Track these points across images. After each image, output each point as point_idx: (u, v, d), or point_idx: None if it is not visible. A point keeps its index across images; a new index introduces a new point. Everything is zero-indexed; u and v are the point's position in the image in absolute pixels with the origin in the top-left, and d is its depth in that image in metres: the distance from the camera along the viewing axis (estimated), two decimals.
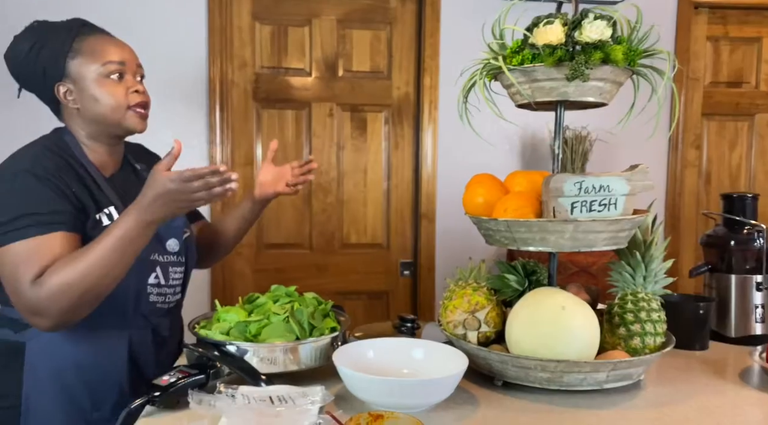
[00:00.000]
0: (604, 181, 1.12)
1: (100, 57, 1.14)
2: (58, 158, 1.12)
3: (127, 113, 1.17)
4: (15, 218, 1.02)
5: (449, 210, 2.62)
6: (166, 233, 1.22)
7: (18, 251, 1.02)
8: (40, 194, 1.05)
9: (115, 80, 1.15)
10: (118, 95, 1.15)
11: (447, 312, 1.20)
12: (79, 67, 1.14)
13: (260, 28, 2.47)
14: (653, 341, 1.14)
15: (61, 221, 1.05)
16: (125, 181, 1.24)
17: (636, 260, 1.23)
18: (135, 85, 1.18)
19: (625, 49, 1.09)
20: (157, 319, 1.22)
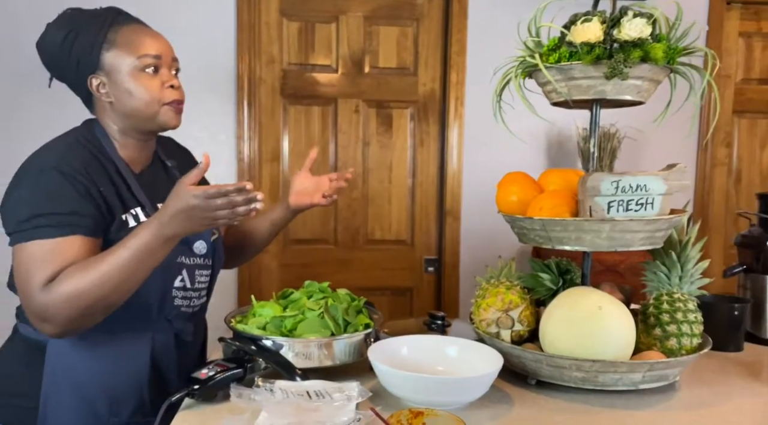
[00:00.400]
0: (641, 180, 1.11)
1: (135, 49, 1.10)
2: (86, 154, 1.09)
3: (162, 108, 1.13)
4: (33, 217, 1.00)
5: (474, 207, 2.62)
6: (194, 235, 1.18)
7: (32, 252, 0.99)
8: (63, 193, 1.02)
9: (150, 74, 1.12)
10: (153, 90, 1.12)
11: (480, 310, 1.20)
12: (113, 59, 1.10)
13: (288, 25, 2.49)
14: (690, 342, 1.13)
15: (80, 223, 1.02)
16: (155, 178, 1.22)
17: (671, 260, 1.21)
18: (170, 79, 1.15)
19: (665, 47, 1.08)
20: (180, 323, 1.18)
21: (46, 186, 1.03)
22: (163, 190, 1.18)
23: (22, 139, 2.30)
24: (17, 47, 2.27)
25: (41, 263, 0.98)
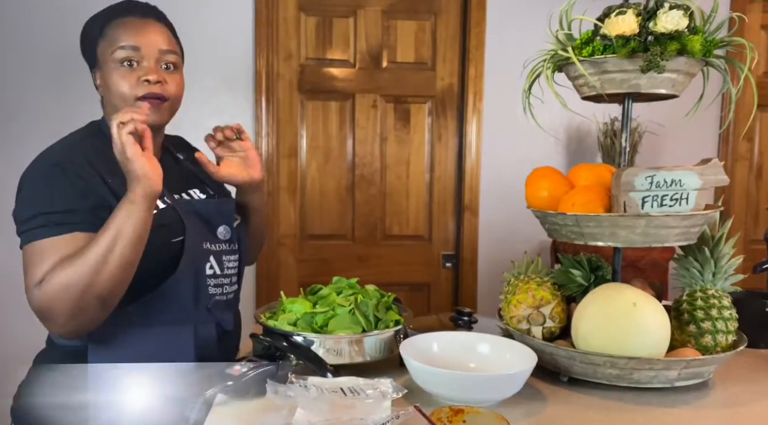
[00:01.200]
0: (676, 175, 1.10)
1: (117, 41, 1.08)
2: (93, 148, 1.08)
3: (135, 103, 1.08)
4: (32, 217, 1.01)
5: (492, 202, 2.61)
6: (217, 220, 1.18)
7: (30, 253, 1.00)
8: (61, 191, 1.02)
9: (126, 68, 1.08)
10: (126, 84, 1.08)
11: (510, 307, 1.19)
12: (101, 52, 1.11)
13: (305, 20, 2.48)
14: (725, 339, 1.12)
15: (76, 220, 1.01)
16: (168, 169, 1.13)
17: (705, 256, 1.20)
18: (149, 73, 1.08)
19: (702, 39, 1.06)
20: (220, 313, 1.17)
21: (45, 184, 1.03)
22: (177, 181, 1.20)
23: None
24: None
25: (37, 263, 0.98)
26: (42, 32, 2.31)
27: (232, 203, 1.23)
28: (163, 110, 1.12)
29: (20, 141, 2.29)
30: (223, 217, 1.19)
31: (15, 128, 2.32)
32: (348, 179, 2.57)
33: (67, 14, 2.30)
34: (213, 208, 1.18)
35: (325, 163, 2.55)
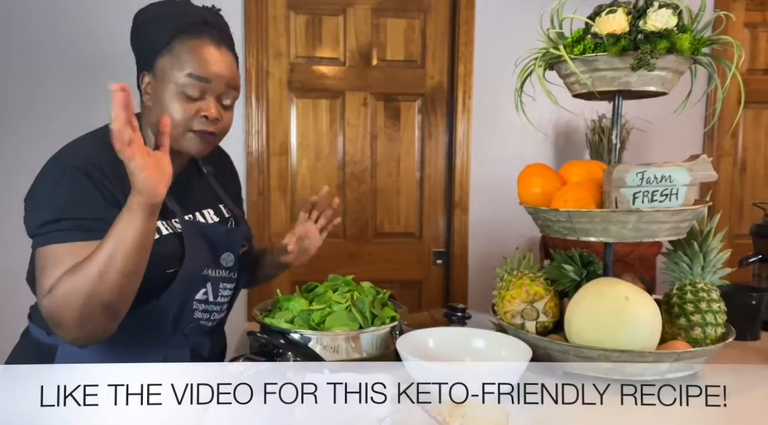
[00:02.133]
0: (666, 171, 1.12)
1: (186, 66, 1.01)
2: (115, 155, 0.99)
3: (187, 134, 1.04)
4: (55, 221, 0.96)
5: (482, 199, 2.62)
6: (223, 247, 1.14)
7: (47, 255, 0.96)
8: (87, 197, 0.98)
9: (190, 97, 1.02)
10: (185, 113, 1.02)
11: (504, 302, 1.21)
12: (165, 66, 1.02)
13: (295, 18, 2.47)
14: (714, 331, 1.14)
15: (98, 227, 0.96)
16: (187, 185, 1.15)
17: (693, 250, 1.22)
18: (210, 109, 1.03)
19: (691, 37, 1.08)
20: (197, 338, 1.13)
21: (69, 187, 0.98)
22: (194, 199, 1.16)
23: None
24: None
25: (50, 268, 0.95)
26: (51, 33, 2.29)
27: (242, 231, 1.19)
28: (208, 145, 1.07)
29: (31, 142, 2.27)
30: (230, 244, 1.15)
31: (26, 128, 2.30)
32: (339, 177, 2.57)
33: (75, 15, 2.29)
34: (221, 234, 1.14)
35: (316, 161, 2.55)
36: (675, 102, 1.27)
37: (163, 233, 1.06)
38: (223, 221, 1.19)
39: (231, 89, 1.06)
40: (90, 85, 2.30)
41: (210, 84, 1.02)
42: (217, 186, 1.23)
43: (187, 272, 1.05)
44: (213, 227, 1.14)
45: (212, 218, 1.17)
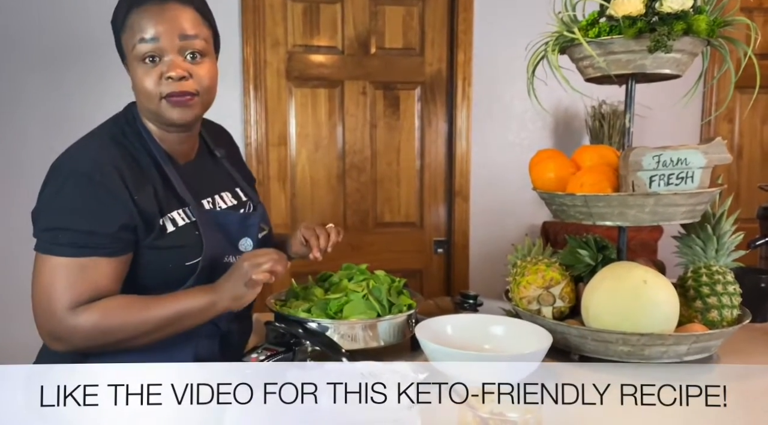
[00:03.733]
0: (682, 154, 1.11)
1: (136, 33, 0.97)
2: (122, 153, 1.01)
3: (161, 103, 0.99)
4: (53, 229, 0.96)
5: (483, 188, 2.62)
6: (239, 232, 1.12)
7: (54, 268, 0.95)
8: (86, 207, 0.96)
9: (149, 64, 0.98)
10: (149, 82, 0.98)
11: (520, 288, 1.20)
12: (125, 44, 1.01)
13: (292, 6, 2.44)
14: (730, 313, 1.15)
15: (98, 244, 0.95)
16: (201, 170, 1.13)
17: (707, 233, 1.22)
18: (171, 68, 0.98)
19: (708, 19, 1.07)
20: (227, 325, 1.10)
21: (69, 196, 0.96)
22: (210, 183, 1.13)
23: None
24: None
25: (66, 284, 0.95)
26: (35, 25, 2.24)
27: (258, 215, 1.17)
28: (193, 107, 1.02)
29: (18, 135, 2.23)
30: (246, 229, 1.13)
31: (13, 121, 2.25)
32: (338, 166, 2.56)
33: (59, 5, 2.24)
34: (236, 220, 1.12)
35: (315, 151, 2.53)
36: (673, 87, 1.27)
37: (179, 224, 1.04)
38: (241, 204, 1.17)
39: (190, 40, 0.99)
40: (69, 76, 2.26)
41: (159, 42, 0.97)
42: (231, 169, 1.21)
43: (208, 261, 1.04)
44: (227, 214, 1.12)
45: (231, 201, 1.15)
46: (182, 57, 0.99)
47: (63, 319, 0.94)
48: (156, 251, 1.01)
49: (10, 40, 2.24)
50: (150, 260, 1.02)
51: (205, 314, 1.00)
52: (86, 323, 0.94)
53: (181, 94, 0.99)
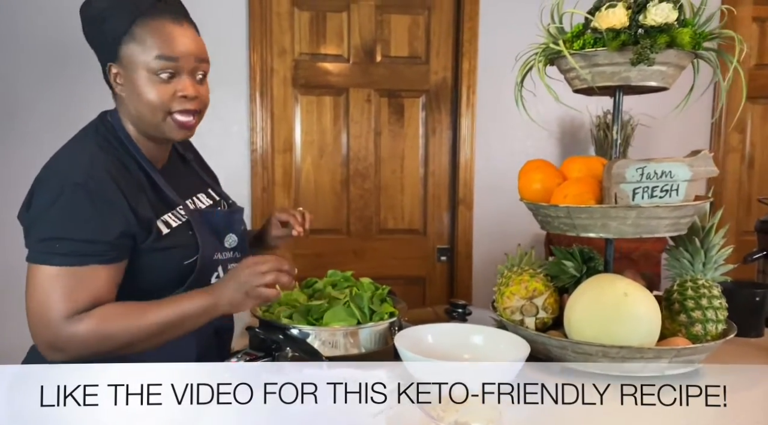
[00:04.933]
0: (666, 167, 1.11)
1: (153, 48, 1.01)
2: (112, 160, 1.03)
3: (166, 118, 1.04)
4: (50, 239, 0.96)
5: (487, 196, 2.62)
6: (225, 229, 1.16)
7: (49, 278, 0.95)
8: (83, 217, 0.97)
9: (163, 79, 1.02)
10: (162, 97, 1.02)
11: (504, 298, 1.21)
12: (131, 53, 1.02)
13: (299, 15, 2.48)
14: (715, 328, 1.13)
15: (96, 252, 0.97)
16: (177, 172, 1.18)
17: (695, 246, 1.21)
18: (186, 87, 1.04)
19: (692, 32, 1.07)
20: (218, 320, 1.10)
21: (66, 207, 0.97)
22: (186, 185, 1.18)
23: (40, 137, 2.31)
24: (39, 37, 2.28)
25: (63, 294, 0.95)
26: (36, 27, 2.30)
27: (241, 211, 1.24)
28: (192, 128, 1.09)
29: (20, 138, 2.29)
30: (231, 226, 1.18)
31: (14, 125, 2.31)
32: (342, 173, 2.58)
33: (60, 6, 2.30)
34: (223, 217, 1.17)
35: (320, 157, 2.55)
36: (680, 97, 1.26)
37: (173, 225, 1.07)
38: (216, 203, 1.23)
39: (202, 63, 1.07)
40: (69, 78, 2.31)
41: (177, 62, 1.02)
42: (201, 172, 1.27)
43: (204, 259, 1.08)
44: (213, 212, 1.18)
45: (207, 202, 1.21)
46: (193, 78, 1.06)
47: (61, 329, 0.95)
48: (154, 253, 1.04)
49: (14, 42, 2.30)
50: (149, 263, 1.04)
51: (204, 318, 1.01)
52: (84, 331, 0.95)
53: (188, 112, 1.06)
